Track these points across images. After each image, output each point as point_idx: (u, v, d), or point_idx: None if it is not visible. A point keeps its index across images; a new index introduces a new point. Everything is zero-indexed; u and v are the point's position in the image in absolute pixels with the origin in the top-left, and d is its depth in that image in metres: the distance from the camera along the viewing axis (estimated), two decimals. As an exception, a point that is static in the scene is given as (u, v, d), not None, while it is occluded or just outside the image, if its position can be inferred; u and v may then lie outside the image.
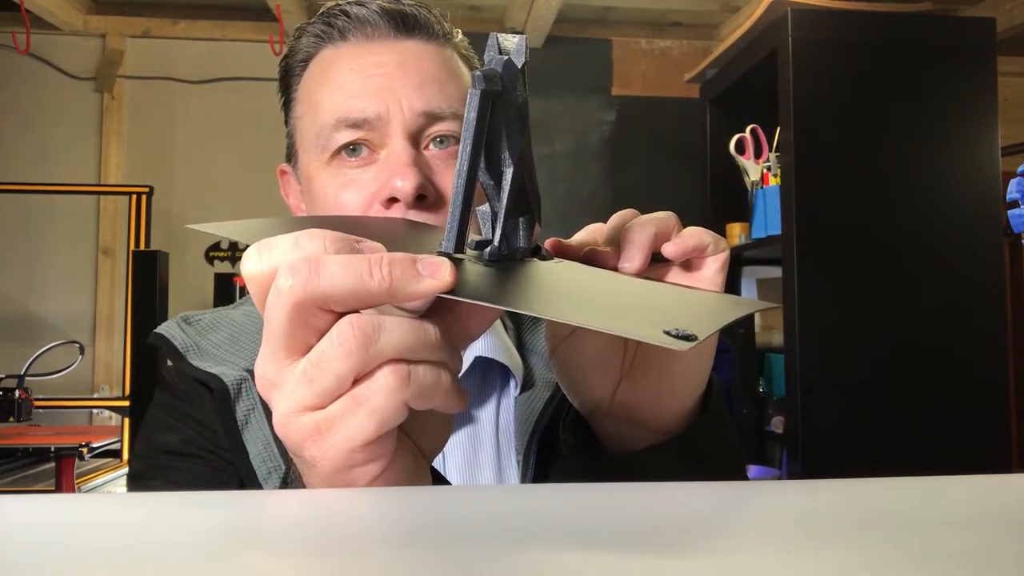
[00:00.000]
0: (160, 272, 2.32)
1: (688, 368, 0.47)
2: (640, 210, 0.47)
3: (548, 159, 3.25)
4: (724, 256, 0.47)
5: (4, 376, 2.17)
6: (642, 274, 0.44)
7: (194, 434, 0.64)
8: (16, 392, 2.12)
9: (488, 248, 0.39)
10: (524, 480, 0.62)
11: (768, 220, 1.95)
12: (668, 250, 0.45)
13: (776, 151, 1.94)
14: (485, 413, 0.67)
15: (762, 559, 0.23)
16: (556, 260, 0.42)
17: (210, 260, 3.21)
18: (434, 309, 0.35)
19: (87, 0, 3.16)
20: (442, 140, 0.64)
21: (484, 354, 0.66)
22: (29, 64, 3.10)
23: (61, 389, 2.56)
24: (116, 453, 2.27)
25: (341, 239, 0.33)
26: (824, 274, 1.74)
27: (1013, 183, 1.27)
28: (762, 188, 1.99)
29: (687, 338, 0.31)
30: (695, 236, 0.46)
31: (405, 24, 0.66)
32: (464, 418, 0.66)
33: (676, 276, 0.47)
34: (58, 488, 1.90)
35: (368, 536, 0.27)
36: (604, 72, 3.35)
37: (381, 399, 0.32)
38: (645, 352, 0.47)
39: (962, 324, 1.76)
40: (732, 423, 0.55)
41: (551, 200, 3.17)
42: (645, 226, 0.44)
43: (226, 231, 0.40)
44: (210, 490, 0.57)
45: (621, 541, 0.25)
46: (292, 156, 0.71)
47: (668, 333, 0.31)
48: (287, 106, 0.71)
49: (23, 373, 2.14)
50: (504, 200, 0.38)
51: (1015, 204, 1.26)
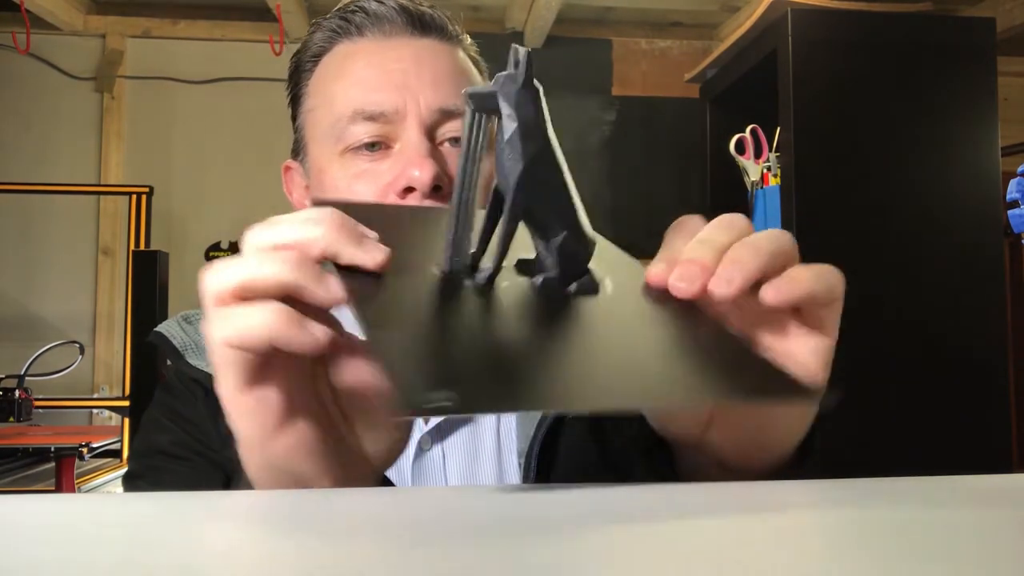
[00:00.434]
0: (160, 272, 2.32)
1: (787, 425, 0.43)
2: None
3: (548, 159, 3.24)
4: (839, 303, 0.40)
5: (4, 376, 2.17)
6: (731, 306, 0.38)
7: (185, 436, 0.64)
8: (16, 392, 2.12)
9: (481, 273, 0.38)
10: (526, 481, 0.62)
11: (768, 220, 1.95)
12: (767, 296, 0.37)
13: (776, 151, 1.94)
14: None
15: (762, 559, 0.23)
16: (602, 288, 0.39)
17: (210, 260, 3.19)
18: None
19: (87, 0, 3.15)
20: (457, 140, 0.64)
21: None
22: (29, 64, 3.09)
23: (61, 389, 2.55)
24: (116, 453, 2.26)
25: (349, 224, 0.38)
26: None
27: (1013, 183, 1.27)
28: (762, 188, 1.99)
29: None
30: (807, 282, 0.38)
31: (422, 23, 0.67)
32: (464, 417, 0.66)
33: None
34: (58, 488, 1.90)
35: (368, 536, 0.27)
36: (604, 72, 3.34)
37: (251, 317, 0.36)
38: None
39: (962, 324, 1.76)
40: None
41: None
42: (758, 249, 0.38)
43: None
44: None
45: (624, 541, 0.25)
46: (300, 150, 0.70)
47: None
48: (295, 101, 0.71)
49: (23, 373, 2.14)
50: (501, 223, 0.37)
51: (1015, 204, 1.26)
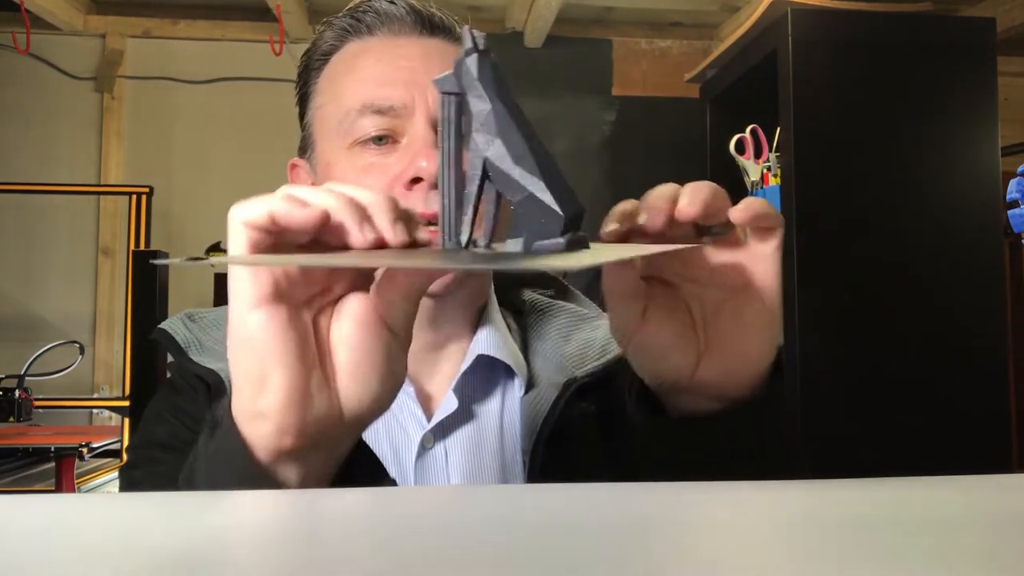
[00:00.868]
0: (160, 272, 2.32)
1: (762, 338, 0.50)
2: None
3: (548, 159, 3.24)
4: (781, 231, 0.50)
5: (4, 376, 2.17)
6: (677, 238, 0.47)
7: (183, 429, 0.64)
8: (16, 392, 2.12)
9: (476, 247, 0.41)
10: (530, 480, 0.62)
11: (768, 220, 1.94)
12: (737, 216, 0.47)
13: (776, 151, 1.94)
14: (489, 411, 0.67)
15: (762, 559, 0.23)
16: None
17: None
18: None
19: (87, 0, 3.15)
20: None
21: (487, 352, 0.66)
22: (29, 64, 3.09)
23: (61, 389, 2.55)
24: (116, 453, 2.26)
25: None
26: (824, 274, 1.74)
27: (1013, 183, 1.27)
28: (762, 188, 1.99)
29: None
30: (762, 204, 0.48)
31: (431, 24, 0.69)
32: (467, 415, 0.66)
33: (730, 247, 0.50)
34: (58, 488, 1.90)
35: (369, 536, 0.27)
36: (604, 72, 3.34)
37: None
38: (718, 329, 0.49)
39: (962, 324, 1.76)
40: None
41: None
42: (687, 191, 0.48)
43: None
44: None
45: (628, 539, 0.25)
46: (307, 147, 0.71)
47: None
48: (304, 99, 0.72)
49: (23, 373, 2.14)
50: (481, 195, 0.40)
51: (1015, 204, 1.26)
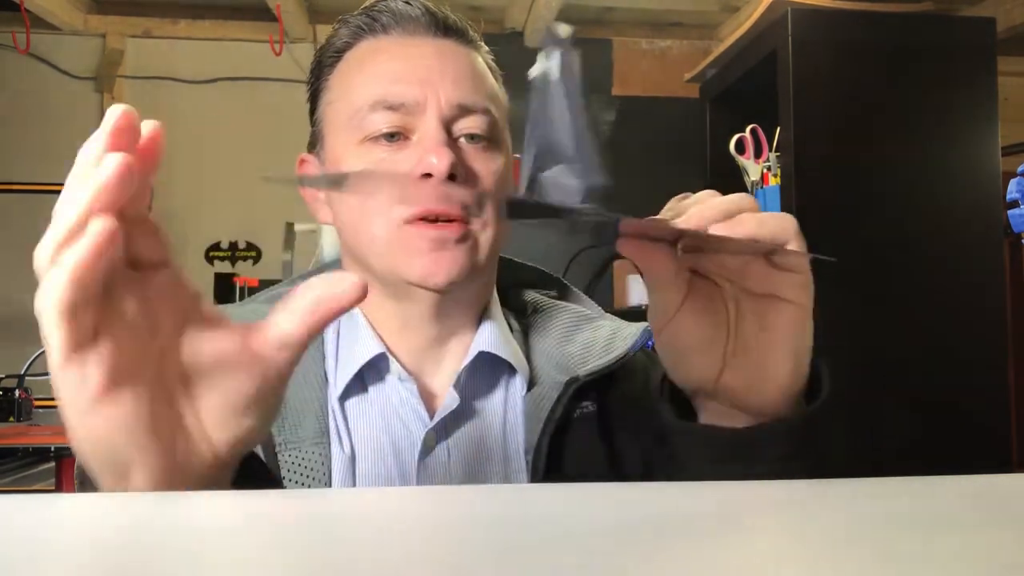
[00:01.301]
0: (160, 272, 2.32)
1: (787, 350, 0.49)
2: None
3: (548, 159, 3.25)
4: (805, 286, 0.51)
5: (4, 376, 2.17)
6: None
7: None
8: (16, 392, 2.12)
9: None
10: (533, 479, 0.62)
11: (768, 220, 1.94)
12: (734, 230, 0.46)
13: (776, 151, 1.94)
14: (491, 409, 0.67)
15: (763, 559, 0.23)
16: None
17: (210, 260, 3.20)
18: None
19: (87, 0, 3.15)
20: (473, 137, 0.66)
21: (488, 349, 0.66)
22: (29, 64, 3.09)
23: (61, 389, 2.55)
24: (116, 453, 2.26)
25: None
26: (823, 274, 1.74)
27: (1013, 183, 1.27)
28: (762, 188, 1.99)
29: None
30: (750, 222, 0.47)
31: (445, 25, 0.69)
32: (469, 412, 0.66)
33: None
34: (58, 488, 1.90)
35: (370, 536, 0.27)
36: (604, 72, 3.34)
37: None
38: (744, 336, 0.49)
39: (962, 324, 1.76)
40: (844, 428, 0.57)
41: (551, 200, 3.17)
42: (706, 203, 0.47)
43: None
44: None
45: (630, 540, 0.25)
46: (317, 143, 0.71)
47: None
48: (315, 95, 0.72)
49: (23, 373, 2.14)
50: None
51: (1015, 204, 1.26)
